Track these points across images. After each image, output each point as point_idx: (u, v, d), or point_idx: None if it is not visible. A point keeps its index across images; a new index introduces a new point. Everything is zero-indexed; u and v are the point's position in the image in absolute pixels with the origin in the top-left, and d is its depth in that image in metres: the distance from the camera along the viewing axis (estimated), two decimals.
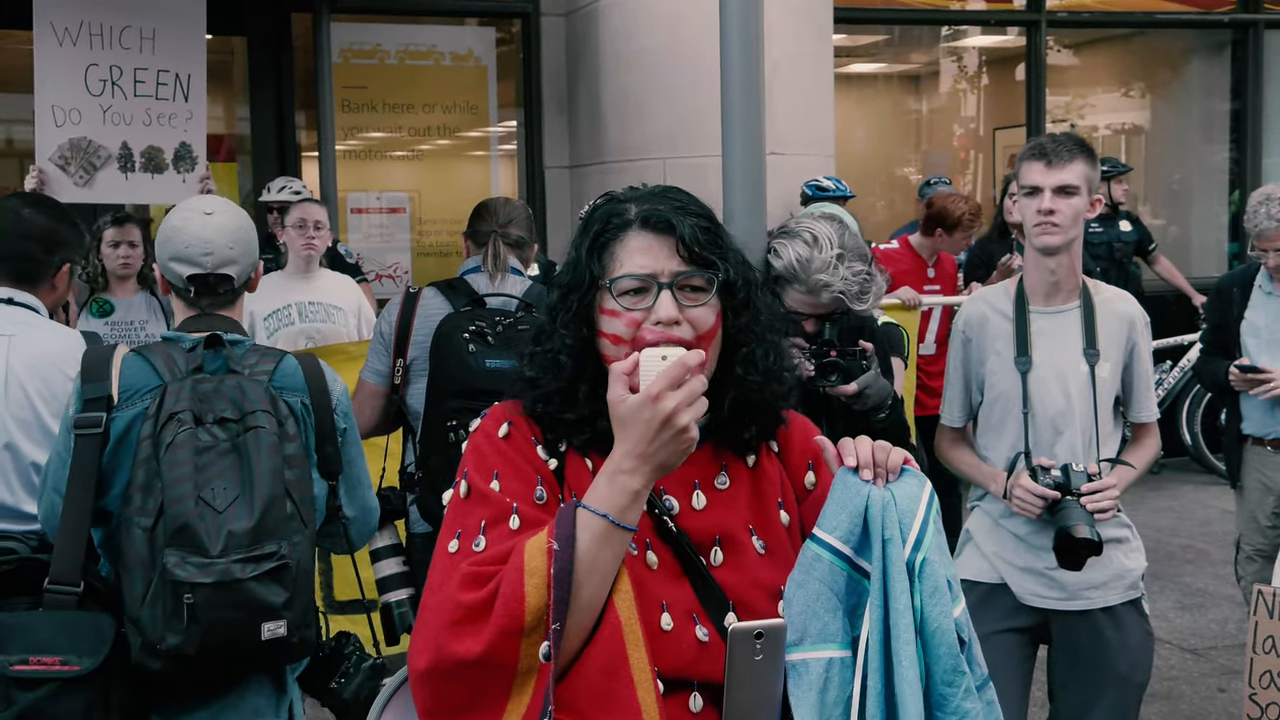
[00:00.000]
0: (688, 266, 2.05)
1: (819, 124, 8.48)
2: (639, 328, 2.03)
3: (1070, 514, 3.47)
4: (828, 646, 2.01)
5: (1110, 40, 12.30)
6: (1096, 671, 3.69)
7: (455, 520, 2.04)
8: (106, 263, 6.26)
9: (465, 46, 9.48)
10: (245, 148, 9.42)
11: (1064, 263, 3.65)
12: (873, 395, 3.57)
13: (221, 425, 3.05)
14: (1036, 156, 3.59)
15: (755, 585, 2.07)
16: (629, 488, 1.91)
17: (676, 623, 2.01)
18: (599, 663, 1.92)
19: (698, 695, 2.01)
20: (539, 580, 1.87)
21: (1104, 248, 9.05)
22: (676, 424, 1.88)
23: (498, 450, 2.09)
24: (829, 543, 2.03)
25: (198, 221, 3.33)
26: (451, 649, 1.88)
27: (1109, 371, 3.66)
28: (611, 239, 2.09)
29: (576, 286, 2.10)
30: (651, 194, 2.14)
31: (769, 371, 2.15)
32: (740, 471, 2.16)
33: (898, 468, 2.06)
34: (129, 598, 2.98)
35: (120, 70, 6.11)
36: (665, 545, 2.06)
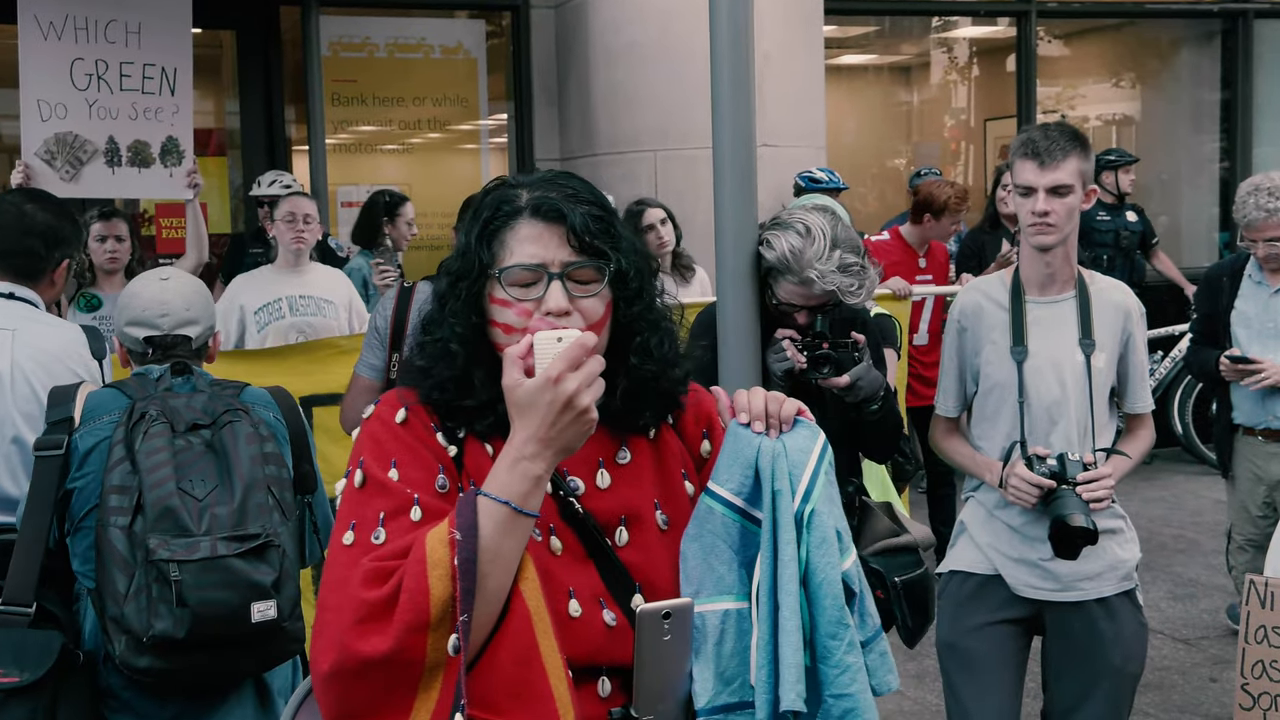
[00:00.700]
0: (578, 257, 2.01)
1: (810, 115, 8.47)
2: (530, 318, 1.98)
3: (1066, 503, 3.46)
4: (723, 599, 2.02)
5: (1100, 30, 12.30)
6: (1090, 662, 3.68)
7: (350, 511, 1.97)
8: (94, 257, 6.21)
9: (455, 39, 9.46)
10: (235, 142, 9.39)
11: (1059, 254, 3.64)
12: (865, 387, 3.56)
13: (194, 431, 3.08)
14: (1029, 156, 3.55)
15: (661, 564, 2.06)
16: (531, 473, 1.87)
17: (584, 608, 1.99)
18: (509, 653, 1.88)
19: (606, 680, 2.00)
20: (442, 572, 1.83)
21: (1110, 235, 9.06)
22: (578, 405, 1.85)
23: (395, 437, 2.02)
24: (722, 495, 2.04)
25: (154, 286, 3.41)
26: (357, 648, 1.82)
27: (1104, 361, 3.65)
28: (501, 226, 2.04)
29: (466, 274, 2.05)
30: (543, 180, 2.08)
31: (664, 359, 2.13)
32: (641, 445, 2.14)
33: (790, 419, 2.07)
34: (111, 600, 2.96)
35: (106, 64, 6.08)
36: (569, 528, 2.04)
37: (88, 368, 3.73)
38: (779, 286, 3.55)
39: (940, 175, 8.73)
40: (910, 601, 3.68)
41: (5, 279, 3.84)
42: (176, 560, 2.88)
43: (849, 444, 3.82)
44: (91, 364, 3.75)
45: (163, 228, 8.91)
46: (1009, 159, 3.78)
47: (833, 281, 3.44)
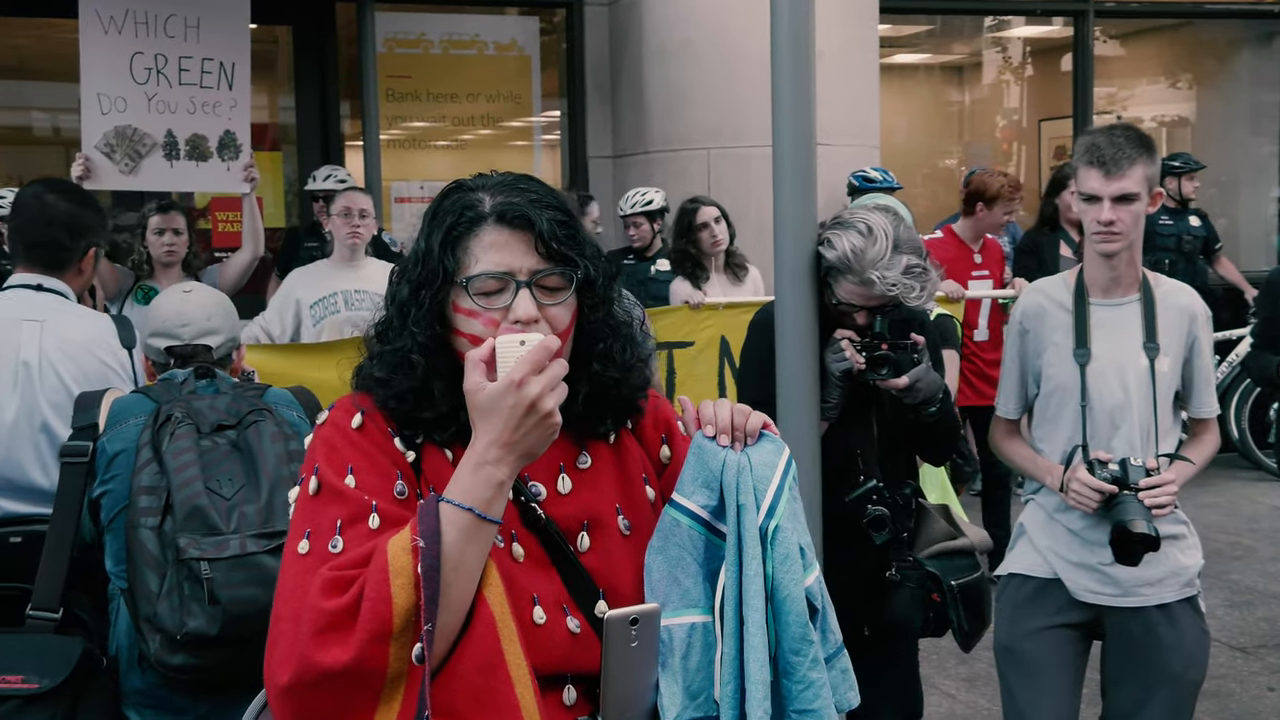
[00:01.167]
0: (546, 264, 1.96)
1: (864, 114, 8.44)
2: (498, 327, 1.93)
3: (1128, 509, 3.41)
4: (690, 612, 1.99)
5: (1158, 31, 12.18)
6: (1150, 669, 3.63)
7: (305, 519, 1.91)
8: (151, 250, 6.26)
9: (509, 36, 9.48)
10: (290, 137, 9.45)
11: (1124, 258, 3.59)
12: (924, 389, 3.53)
13: (219, 432, 3.11)
14: (1095, 164, 3.48)
15: (624, 570, 2.02)
16: (494, 479, 1.83)
17: (548, 615, 1.95)
18: (474, 661, 1.84)
19: (571, 688, 1.97)
20: (405, 580, 1.78)
21: (1172, 240, 8.99)
22: (541, 409, 1.81)
23: (351, 443, 1.97)
24: (687, 507, 2.01)
25: (176, 298, 3.46)
26: (317, 659, 1.76)
27: (1169, 365, 3.60)
28: (465, 233, 1.97)
29: (428, 282, 1.97)
30: (504, 184, 2.02)
31: (626, 366, 2.10)
32: (601, 450, 2.10)
33: (756, 432, 2.04)
34: (144, 600, 2.98)
35: (165, 58, 6.14)
36: (531, 535, 1.99)
37: (116, 357, 3.75)
38: (839, 286, 3.52)
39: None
40: (966, 605, 3.65)
41: (34, 270, 3.86)
42: (207, 559, 2.90)
43: (906, 446, 3.79)
44: (121, 353, 3.76)
45: (218, 221, 8.98)
46: (1072, 162, 3.72)
47: (894, 283, 3.41)
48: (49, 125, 10.16)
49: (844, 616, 3.62)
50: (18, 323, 3.71)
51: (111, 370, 3.73)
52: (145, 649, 3.01)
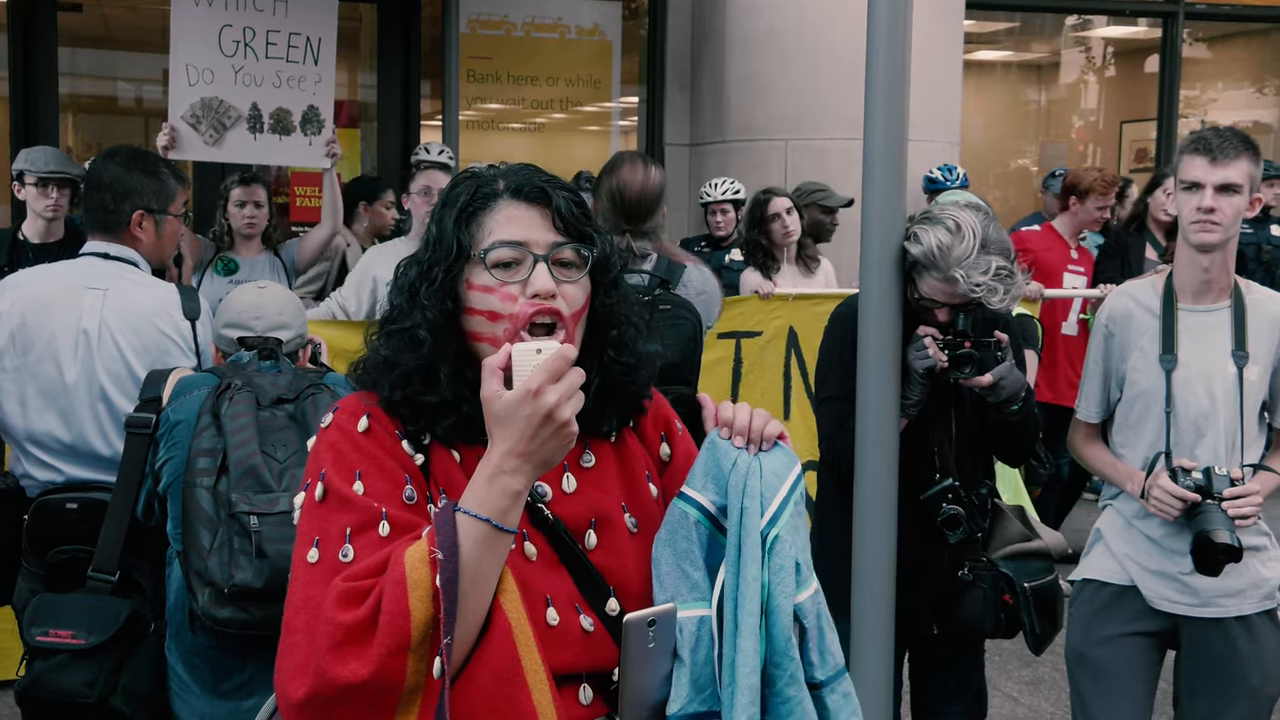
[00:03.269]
0: (562, 239, 1.96)
1: (947, 110, 8.38)
2: (515, 302, 1.92)
3: (1210, 518, 3.37)
4: (699, 605, 1.98)
5: (1246, 34, 12.00)
6: (1227, 681, 3.59)
7: (312, 526, 1.89)
8: (232, 222, 6.33)
9: (591, 20, 9.48)
10: (368, 114, 9.51)
11: (1218, 260, 3.54)
12: (1007, 387, 3.50)
13: (278, 405, 3.20)
14: (1200, 151, 3.46)
15: (633, 567, 2.01)
16: (510, 489, 1.80)
17: (562, 616, 1.93)
18: (491, 669, 1.81)
19: (586, 687, 1.96)
20: (424, 592, 1.75)
21: (1252, 249, 8.86)
22: (558, 419, 1.78)
23: (358, 447, 1.94)
24: (696, 500, 2.00)
25: (250, 293, 3.54)
26: (335, 673, 1.73)
27: (1258, 375, 3.54)
28: (480, 209, 1.97)
29: (441, 259, 1.96)
30: (517, 168, 2.03)
31: (639, 355, 2.08)
32: (604, 448, 2.09)
33: (772, 439, 2.02)
34: (195, 555, 3.06)
35: (253, 31, 6.17)
36: (540, 534, 1.98)
37: (178, 328, 3.79)
38: (922, 281, 3.49)
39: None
40: (1039, 608, 3.62)
41: (97, 238, 3.90)
42: (257, 513, 2.99)
43: (985, 445, 3.76)
44: (183, 324, 3.80)
45: (297, 196, 9.05)
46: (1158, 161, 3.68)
47: (978, 283, 3.37)
48: (133, 95, 10.29)
49: (914, 615, 3.64)
50: (81, 290, 3.76)
51: (171, 341, 3.77)
52: (195, 604, 3.09)
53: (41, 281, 3.81)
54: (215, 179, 7.22)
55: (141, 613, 3.44)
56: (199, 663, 3.30)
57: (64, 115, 9.10)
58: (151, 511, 3.34)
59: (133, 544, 3.41)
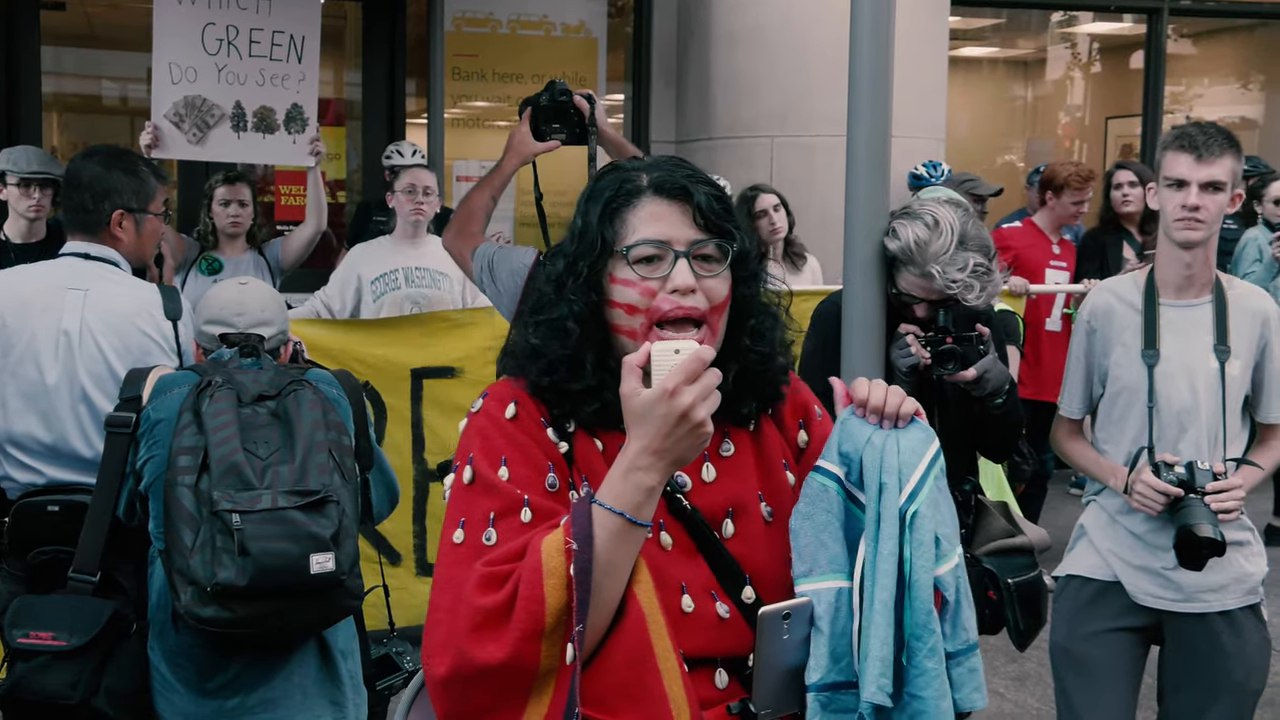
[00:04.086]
0: (703, 235, 2.01)
1: (931, 107, 8.37)
2: (654, 297, 1.98)
3: (1193, 512, 3.38)
4: (836, 576, 2.02)
5: (1231, 30, 12.02)
6: (1211, 676, 3.59)
7: (459, 508, 1.97)
8: (216, 221, 6.31)
9: (576, 18, 9.47)
10: (355, 112, 9.49)
11: (1200, 256, 3.55)
12: (991, 380, 3.50)
13: (260, 401, 3.18)
14: (1185, 149, 3.47)
15: (768, 555, 2.06)
16: (644, 484, 1.85)
17: (697, 603, 1.99)
18: (623, 655, 1.88)
19: (722, 671, 2.01)
20: (558, 581, 1.82)
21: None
22: (693, 419, 1.82)
23: (505, 433, 2.01)
24: (833, 472, 2.04)
25: (232, 289, 3.53)
26: (473, 655, 1.83)
27: (1239, 369, 3.55)
28: (623, 205, 2.03)
29: (586, 253, 2.03)
30: (660, 163, 2.08)
31: (775, 344, 2.13)
32: (743, 437, 2.13)
33: (908, 416, 2.06)
34: (178, 554, 3.05)
35: (236, 30, 6.15)
36: (678, 523, 2.03)
37: (159, 329, 3.76)
38: (900, 277, 3.49)
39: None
40: (1023, 604, 3.62)
41: (77, 238, 3.87)
42: (239, 511, 2.96)
43: (968, 441, 3.76)
44: (164, 324, 3.77)
45: (282, 195, 9.03)
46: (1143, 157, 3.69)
47: (954, 279, 3.37)
48: (118, 94, 10.26)
49: None
50: (62, 290, 3.73)
51: (153, 342, 3.74)
52: (178, 604, 3.07)
53: (22, 282, 3.79)
54: (200, 178, 7.20)
55: (123, 613, 3.42)
56: (183, 662, 3.29)
57: (47, 115, 9.08)
58: (133, 511, 3.33)
59: (114, 544, 3.39)
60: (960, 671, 2.05)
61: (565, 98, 4.32)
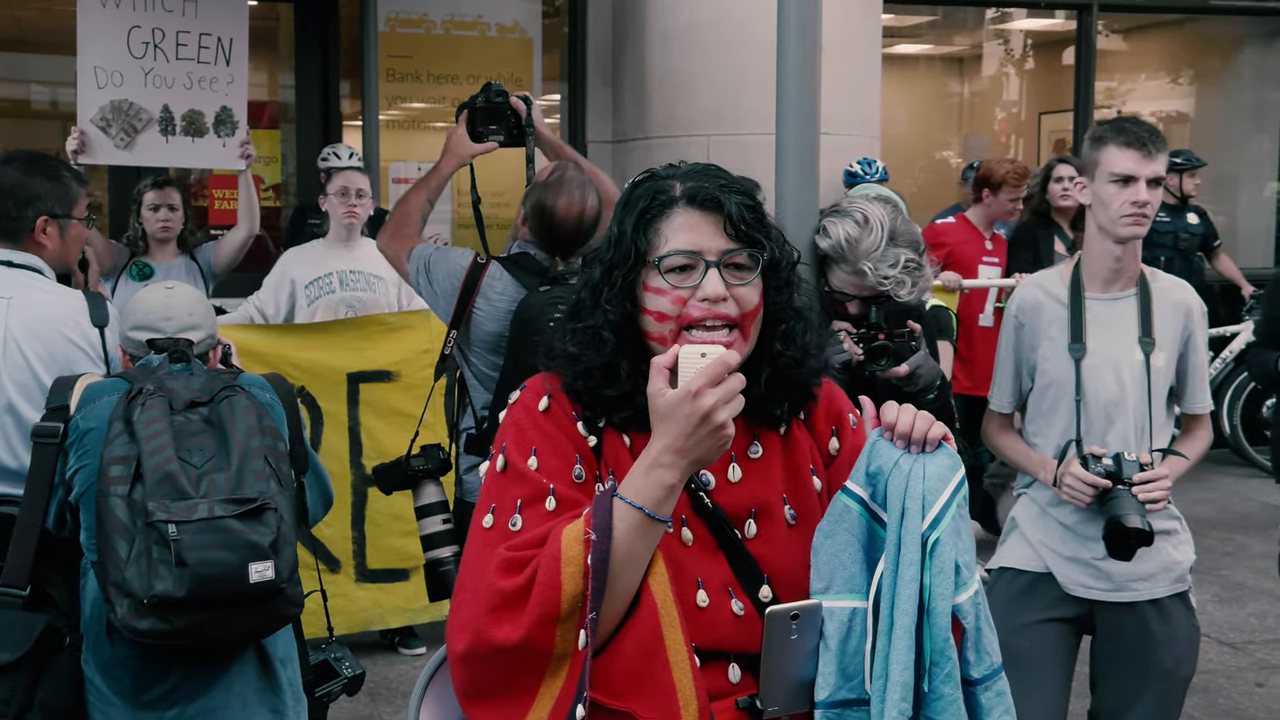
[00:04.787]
0: (735, 244, 2.06)
1: (865, 104, 8.40)
2: (685, 305, 2.04)
3: (1121, 503, 3.42)
4: (852, 596, 2.06)
5: (1161, 26, 12.15)
6: (1141, 664, 3.63)
7: (491, 494, 2.07)
8: (146, 226, 6.24)
9: (511, 18, 9.42)
10: (289, 115, 9.40)
11: (1130, 250, 3.59)
12: (923, 376, 3.52)
13: (192, 408, 3.14)
14: (1131, 145, 3.49)
15: (788, 557, 2.11)
16: (665, 482, 1.93)
17: (712, 599, 2.05)
18: (635, 644, 1.96)
19: (735, 666, 2.07)
20: (575, 569, 1.90)
21: (1169, 237, 8.99)
22: (714, 421, 1.89)
23: (537, 425, 2.10)
24: (858, 494, 2.08)
25: (159, 294, 3.48)
26: (490, 634, 1.92)
27: (1164, 361, 3.59)
28: (657, 215, 2.09)
29: (621, 263, 2.09)
30: (694, 171, 2.14)
31: (806, 348, 2.17)
32: (772, 440, 2.19)
33: (935, 441, 2.09)
34: (113, 567, 3.00)
35: (162, 33, 6.08)
36: (700, 520, 2.09)
37: (85, 336, 3.71)
38: (832, 274, 3.51)
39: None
40: None
41: (2, 245, 3.81)
42: (175, 521, 2.93)
43: None
44: (91, 332, 3.72)
45: (214, 199, 8.94)
46: (1074, 151, 3.73)
47: (885, 276, 3.39)
48: (48, 99, 10.11)
49: None
50: None
51: (79, 350, 3.69)
52: (113, 616, 3.03)
53: None
54: (129, 183, 7.10)
55: (56, 626, 3.35)
56: (119, 674, 3.24)
57: None
58: (63, 522, 3.28)
59: (44, 556, 3.33)
60: (989, 696, 2.09)
61: (501, 99, 4.31)
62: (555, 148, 4.40)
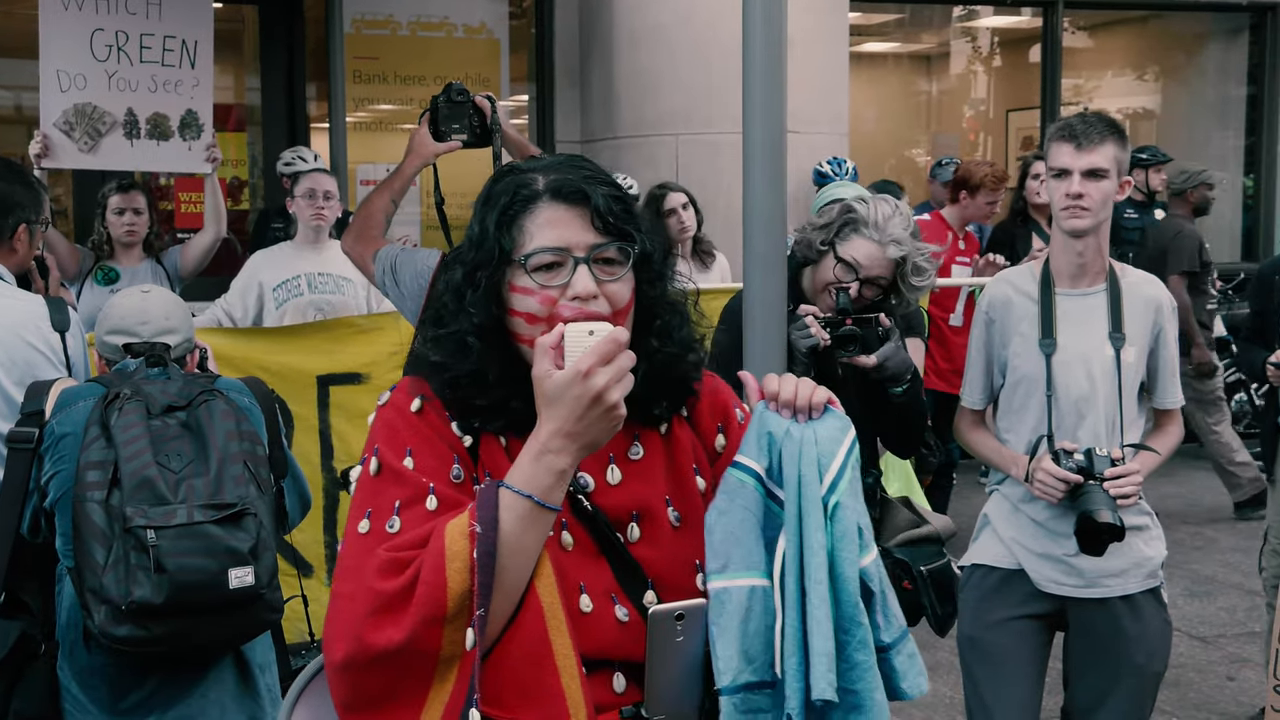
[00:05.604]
0: (603, 239, 1.95)
1: (834, 101, 8.43)
2: (555, 305, 1.93)
3: (1093, 498, 3.41)
4: (750, 574, 1.98)
5: (1126, 23, 12.22)
6: (1113, 660, 3.64)
7: (366, 499, 1.94)
8: (111, 230, 6.18)
9: (478, 19, 9.40)
10: (255, 118, 9.36)
11: (1091, 244, 3.59)
12: (891, 366, 3.52)
13: (170, 413, 3.11)
14: (1066, 138, 3.52)
15: (673, 560, 2.02)
16: (555, 467, 1.84)
17: (595, 604, 1.96)
18: (522, 650, 1.86)
19: (620, 675, 1.97)
20: (461, 564, 1.80)
21: (1136, 233, 9.02)
22: (607, 400, 1.81)
23: (411, 425, 1.98)
24: (752, 468, 2.00)
25: (135, 298, 3.45)
26: (371, 639, 1.80)
27: (1134, 356, 3.59)
28: (520, 211, 1.96)
29: (485, 263, 1.97)
30: (557, 163, 2.02)
31: (683, 343, 2.09)
32: (653, 440, 2.09)
33: (821, 406, 2.03)
34: (90, 573, 2.98)
35: (126, 35, 6.02)
36: (581, 524, 1.99)
37: (46, 340, 3.68)
38: (849, 243, 3.58)
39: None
40: (938, 590, 3.65)
41: None
42: (154, 527, 2.90)
43: (870, 437, 3.78)
44: (51, 336, 3.69)
45: (181, 202, 8.88)
46: (1041, 148, 3.75)
47: (907, 249, 3.54)
48: (11, 103, 10.02)
49: None
50: None
51: (39, 354, 3.65)
52: (90, 623, 3.01)
53: None
54: (95, 186, 7.04)
55: (30, 633, 3.31)
56: (95, 682, 3.21)
57: None
58: (38, 528, 3.24)
59: (18, 562, 3.30)
60: (902, 659, 2.03)
61: (463, 98, 4.29)
62: (520, 146, 4.38)
